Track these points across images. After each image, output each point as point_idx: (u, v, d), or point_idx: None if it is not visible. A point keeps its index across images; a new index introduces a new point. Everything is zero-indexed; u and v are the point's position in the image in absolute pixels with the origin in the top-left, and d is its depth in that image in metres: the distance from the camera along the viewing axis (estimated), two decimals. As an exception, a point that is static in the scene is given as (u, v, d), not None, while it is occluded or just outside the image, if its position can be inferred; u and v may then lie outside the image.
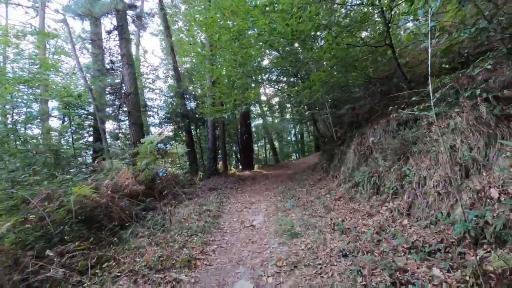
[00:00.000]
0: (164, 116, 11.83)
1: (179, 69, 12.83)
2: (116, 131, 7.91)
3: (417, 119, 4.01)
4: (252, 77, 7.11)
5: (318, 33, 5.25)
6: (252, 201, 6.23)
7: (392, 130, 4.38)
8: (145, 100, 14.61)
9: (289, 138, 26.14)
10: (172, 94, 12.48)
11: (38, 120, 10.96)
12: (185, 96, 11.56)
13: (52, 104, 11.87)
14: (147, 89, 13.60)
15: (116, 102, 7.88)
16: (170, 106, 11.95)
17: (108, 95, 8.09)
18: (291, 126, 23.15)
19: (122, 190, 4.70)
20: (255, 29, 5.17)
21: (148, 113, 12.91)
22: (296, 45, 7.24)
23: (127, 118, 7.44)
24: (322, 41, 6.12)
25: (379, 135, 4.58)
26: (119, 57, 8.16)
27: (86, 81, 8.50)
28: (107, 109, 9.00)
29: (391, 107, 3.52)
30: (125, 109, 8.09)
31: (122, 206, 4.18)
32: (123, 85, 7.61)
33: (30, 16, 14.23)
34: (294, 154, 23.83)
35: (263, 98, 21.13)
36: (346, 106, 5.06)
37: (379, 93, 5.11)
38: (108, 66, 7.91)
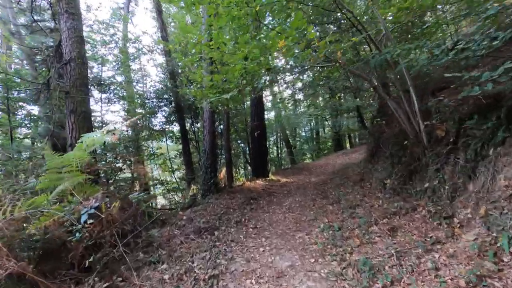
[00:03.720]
0: (143, 103, 8.77)
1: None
2: (44, 124, 4.90)
3: None
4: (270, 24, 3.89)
5: None
6: (279, 268, 3.06)
7: None
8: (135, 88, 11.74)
9: (303, 134, 22.88)
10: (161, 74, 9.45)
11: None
12: (176, 76, 8.44)
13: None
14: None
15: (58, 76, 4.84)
16: (158, 91, 8.89)
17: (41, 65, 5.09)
18: (305, 122, 19.87)
19: None
20: None
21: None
22: None
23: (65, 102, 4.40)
24: None
25: None
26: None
27: (21, 41, 5.53)
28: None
29: None
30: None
31: None
32: (61, 48, 4.57)
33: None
34: (310, 153, 20.54)
35: (275, 88, 17.84)
36: None
37: None
38: (39, 20, 4.85)
